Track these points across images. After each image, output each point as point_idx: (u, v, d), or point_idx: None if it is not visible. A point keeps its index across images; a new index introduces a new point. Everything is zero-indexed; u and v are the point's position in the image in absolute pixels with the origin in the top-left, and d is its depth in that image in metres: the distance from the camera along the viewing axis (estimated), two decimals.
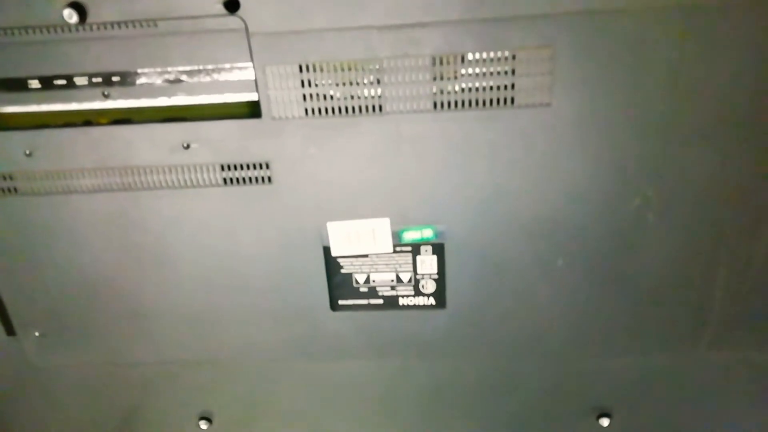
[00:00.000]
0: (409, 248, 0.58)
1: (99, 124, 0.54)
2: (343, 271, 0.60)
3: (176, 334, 0.63)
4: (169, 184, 0.56)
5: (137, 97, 0.53)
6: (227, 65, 0.51)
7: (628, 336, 0.60)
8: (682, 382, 0.64)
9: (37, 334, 0.65)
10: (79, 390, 0.70)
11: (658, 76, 0.49)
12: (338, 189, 0.55)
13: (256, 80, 0.51)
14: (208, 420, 0.71)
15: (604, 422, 0.67)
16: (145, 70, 0.52)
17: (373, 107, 0.51)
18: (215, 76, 0.52)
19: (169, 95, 0.53)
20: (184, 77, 0.52)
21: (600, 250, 0.56)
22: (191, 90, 0.53)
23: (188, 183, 0.56)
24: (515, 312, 0.60)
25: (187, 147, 0.54)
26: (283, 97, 0.51)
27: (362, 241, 0.58)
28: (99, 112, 0.54)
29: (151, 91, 0.53)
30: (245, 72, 0.51)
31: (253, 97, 0.52)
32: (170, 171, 0.55)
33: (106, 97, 0.53)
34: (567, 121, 0.50)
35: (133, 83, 0.53)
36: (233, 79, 0.52)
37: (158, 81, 0.52)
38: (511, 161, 0.53)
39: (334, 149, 0.53)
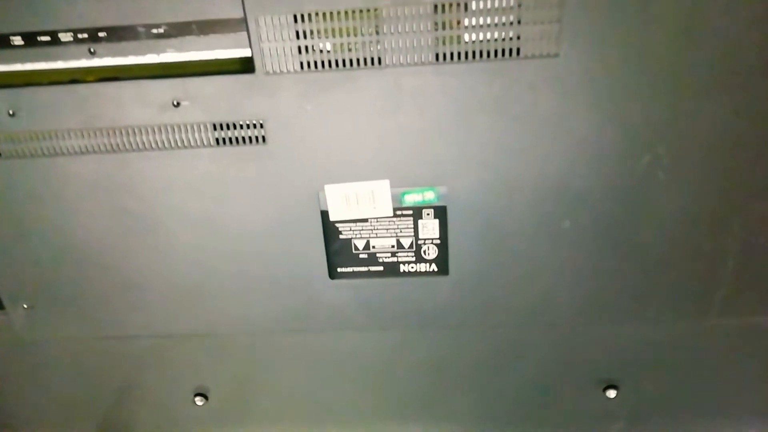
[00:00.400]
0: (410, 212, 0.56)
1: (85, 81, 0.52)
2: (341, 236, 0.58)
3: (169, 306, 0.61)
4: (159, 145, 0.53)
5: (125, 54, 0.51)
6: (218, 17, 0.49)
7: (636, 303, 0.58)
8: (692, 350, 0.62)
9: (25, 306, 0.62)
10: (70, 365, 0.68)
11: (670, 25, 0.46)
12: (336, 148, 0.53)
13: (248, 32, 0.49)
14: (204, 396, 0.69)
15: (611, 394, 0.65)
16: (133, 25, 0.50)
17: (372, 60, 0.49)
18: (206, 29, 0.49)
19: (158, 52, 0.51)
20: (173, 31, 0.50)
21: (608, 212, 0.54)
22: (181, 46, 0.50)
23: (179, 143, 0.53)
24: (520, 278, 0.58)
25: (178, 105, 0.52)
26: (277, 49, 0.49)
27: (361, 204, 0.56)
28: (85, 70, 0.52)
29: (139, 47, 0.50)
30: (237, 24, 0.49)
31: (245, 50, 0.50)
32: (160, 131, 0.53)
33: (92, 54, 0.51)
34: (575, 73, 0.48)
35: (120, 39, 0.50)
36: (225, 32, 0.49)
37: (146, 36, 0.50)
38: (516, 117, 0.50)
39: (331, 106, 0.51)
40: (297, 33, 0.48)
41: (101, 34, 0.50)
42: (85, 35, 0.50)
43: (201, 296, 0.61)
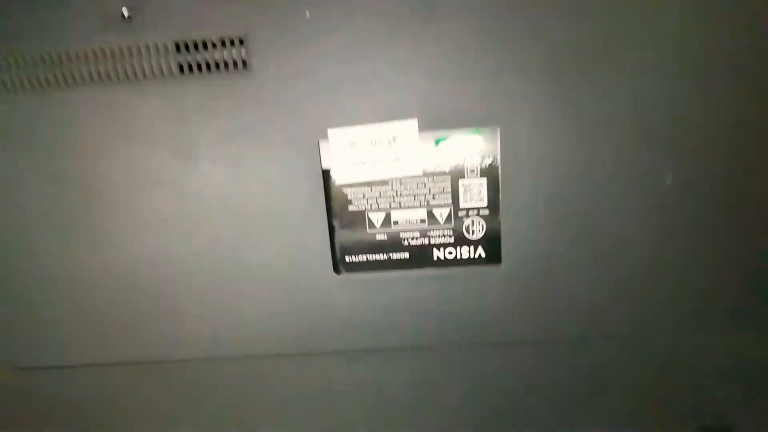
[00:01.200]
0: (448, 168, 0.40)
1: None
2: (351, 208, 0.42)
3: (116, 322, 0.45)
4: (103, 75, 0.40)
5: None
6: None
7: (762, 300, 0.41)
8: None
9: None
10: None
11: None
12: (343, 75, 0.39)
13: None
14: None
15: None
16: None
17: None
18: None
19: None
20: None
21: (729, 158, 0.38)
22: None
23: (129, 74, 0.40)
24: (603, 267, 0.41)
25: (128, 18, 0.38)
26: None
27: (378, 157, 0.40)
28: None
29: None
30: None
31: None
32: (104, 55, 0.39)
33: None
34: None
35: None
36: None
37: None
38: (597, 23, 0.36)
39: (338, 10, 0.37)
40: None
41: None
42: None
43: (160, 303, 0.44)
